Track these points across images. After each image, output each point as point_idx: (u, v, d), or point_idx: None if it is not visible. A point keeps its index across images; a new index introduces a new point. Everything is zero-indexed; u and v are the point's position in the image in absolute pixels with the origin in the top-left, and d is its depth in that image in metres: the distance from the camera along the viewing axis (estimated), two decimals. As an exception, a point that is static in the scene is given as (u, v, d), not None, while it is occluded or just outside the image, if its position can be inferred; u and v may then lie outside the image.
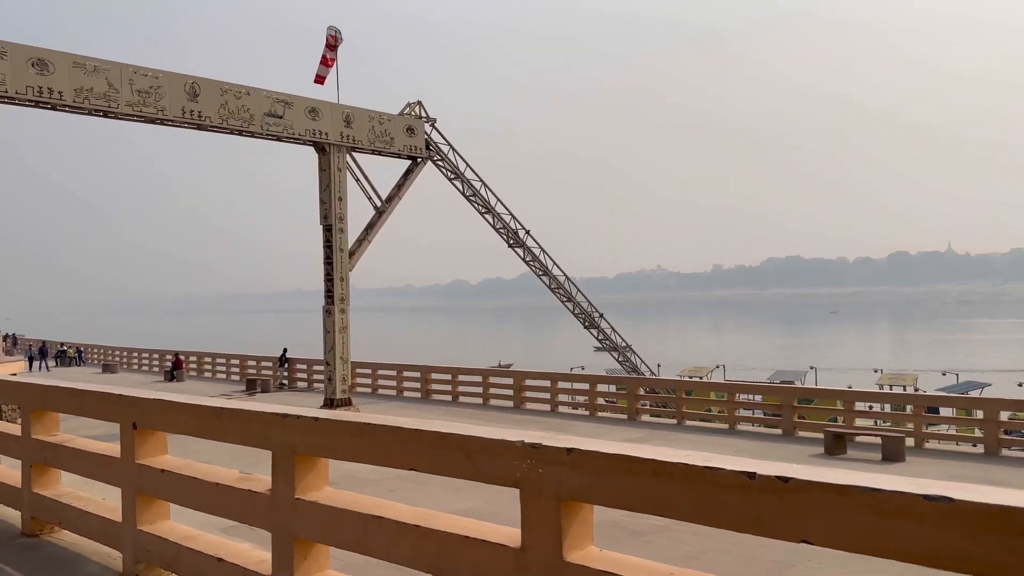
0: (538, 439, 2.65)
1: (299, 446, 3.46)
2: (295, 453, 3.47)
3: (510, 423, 21.35)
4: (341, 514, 3.25)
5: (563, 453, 2.51)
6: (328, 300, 23.66)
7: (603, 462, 2.42)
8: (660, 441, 18.30)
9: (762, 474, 2.10)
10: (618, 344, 31.66)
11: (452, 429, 2.90)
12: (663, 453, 2.35)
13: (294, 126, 22.76)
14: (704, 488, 2.21)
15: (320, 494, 3.47)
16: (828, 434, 16.76)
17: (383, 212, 25.11)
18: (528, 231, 28.43)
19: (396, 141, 24.85)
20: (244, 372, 35.29)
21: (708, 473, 2.21)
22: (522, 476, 2.62)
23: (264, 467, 3.66)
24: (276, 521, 3.53)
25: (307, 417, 3.43)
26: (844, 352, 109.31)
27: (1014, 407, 16.82)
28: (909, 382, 45.19)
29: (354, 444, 3.24)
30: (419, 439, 2.97)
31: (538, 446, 2.59)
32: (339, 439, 3.29)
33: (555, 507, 2.52)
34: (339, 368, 23.34)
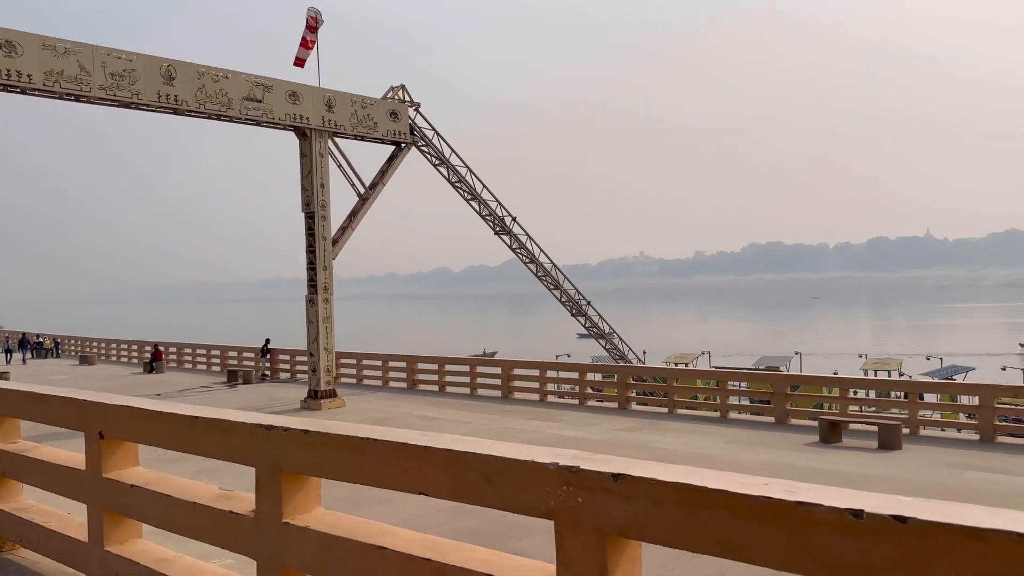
0: (575, 459, 2.22)
1: (286, 463, 3.01)
2: (282, 471, 3.02)
3: (499, 412, 20.97)
4: (336, 543, 2.81)
5: (607, 480, 2.08)
6: (311, 289, 23.11)
7: (659, 492, 1.99)
8: (652, 430, 17.99)
9: (872, 512, 1.68)
10: (605, 331, 31.33)
11: (469, 446, 2.46)
12: (735, 481, 1.93)
13: (274, 110, 22.12)
14: (793, 528, 1.79)
15: (311, 517, 3.03)
16: (823, 422, 16.50)
17: (367, 199, 24.53)
18: (515, 218, 27.96)
19: (379, 126, 24.26)
20: (225, 363, 34.65)
21: (798, 510, 1.79)
22: (557, 506, 2.19)
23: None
24: (261, 548, 3.08)
25: (296, 429, 2.98)
26: (827, 337, 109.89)
27: (1010, 393, 16.62)
28: (894, 367, 45.25)
29: (350, 462, 2.79)
30: (428, 458, 2.53)
31: (576, 470, 2.15)
32: (333, 456, 2.84)
33: (598, 544, 2.10)
34: (323, 359, 22.82)
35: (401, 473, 2.62)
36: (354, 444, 2.76)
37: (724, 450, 15.80)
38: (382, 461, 2.67)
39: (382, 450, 2.67)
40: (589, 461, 2.19)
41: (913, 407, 17.05)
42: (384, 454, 2.67)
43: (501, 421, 19.57)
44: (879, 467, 13.97)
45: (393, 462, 2.64)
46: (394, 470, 2.64)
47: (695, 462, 15.05)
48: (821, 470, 13.84)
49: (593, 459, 2.21)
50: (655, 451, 15.68)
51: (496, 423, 19.28)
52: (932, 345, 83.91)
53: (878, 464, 14.27)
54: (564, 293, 29.42)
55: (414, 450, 2.57)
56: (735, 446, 16.19)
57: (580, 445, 16.23)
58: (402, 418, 20.40)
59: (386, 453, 2.66)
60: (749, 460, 14.80)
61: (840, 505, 1.73)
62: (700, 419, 19.66)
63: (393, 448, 2.64)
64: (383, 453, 2.67)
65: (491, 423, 19.32)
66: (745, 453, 15.44)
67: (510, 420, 19.69)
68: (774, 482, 1.93)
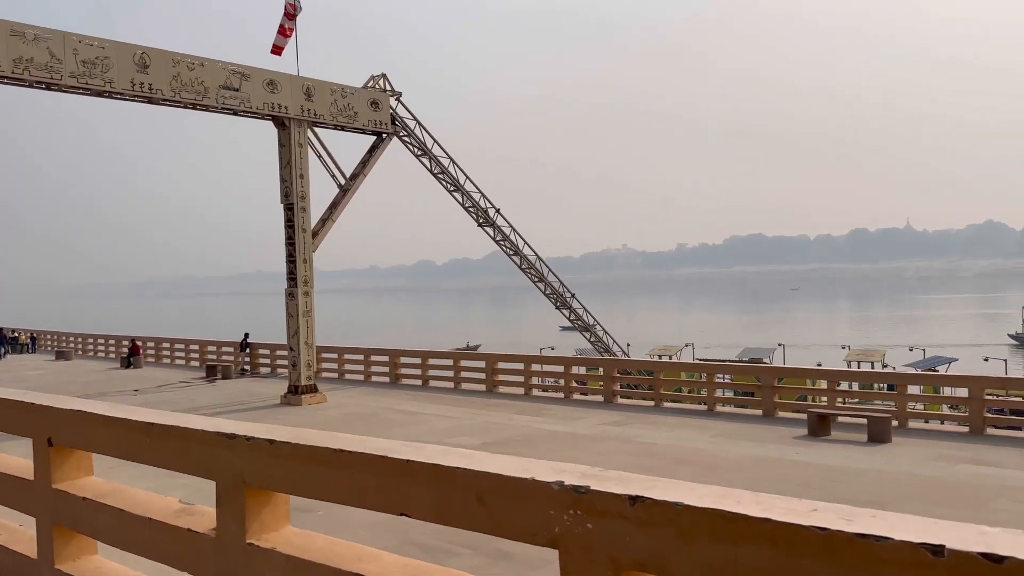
0: (583, 478, 1.89)
1: (250, 476, 2.67)
2: (246, 485, 2.68)
3: (484, 407, 20.65)
4: (306, 568, 2.47)
5: (623, 503, 1.76)
6: (291, 283, 22.64)
7: (687, 519, 1.67)
8: (639, 424, 17.75)
9: (956, 548, 1.37)
10: (589, 324, 31.06)
11: (458, 460, 2.12)
12: (780, 507, 1.61)
13: (251, 99, 21.61)
14: (855, 567, 1.48)
15: (279, 537, 2.68)
16: (812, 415, 16.32)
17: (347, 190, 24.08)
18: (498, 210, 27.58)
19: (360, 116, 23.78)
20: (204, 358, 34.08)
21: (859, 544, 1.47)
22: (562, 533, 1.86)
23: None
24: (221, 572, 2.74)
25: (260, 439, 2.63)
26: (807, 329, 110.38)
27: (999, 384, 16.51)
28: (877, 358, 45.42)
29: (323, 476, 2.45)
30: (410, 473, 2.20)
31: (586, 491, 1.82)
32: (303, 469, 2.50)
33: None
34: (303, 353, 22.38)
35: (379, 490, 2.28)
36: (325, 456, 2.42)
37: (712, 444, 15.58)
38: (358, 476, 2.34)
39: (357, 463, 2.33)
40: (601, 480, 1.86)
41: (902, 399, 16.91)
42: (360, 468, 2.33)
43: (485, 416, 19.25)
44: (869, 461, 13.79)
45: (370, 478, 2.30)
46: (371, 487, 2.30)
47: (683, 456, 14.85)
48: (810, 463, 13.64)
49: (606, 478, 1.88)
50: (642, 445, 15.43)
51: (480, 418, 18.97)
52: (911, 336, 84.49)
53: (868, 457, 14.09)
54: (548, 286, 29.11)
55: (394, 464, 2.23)
56: (723, 439, 15.97)
57: (567, 440, 15.96)
58: (384, 413, 20.04)
59: (362, 467, 2.32)
60: (738, 454, 14.58)
61: (914, 539, 1.42)
62: (687, 412, 19.45)
63: (370, 462, 2.30)
64: (358, 467, 2.33)
65: (475, 417, 19.00)
66: (734, 447, 15.23)
67: (495, 414, 19.38)
68: (825, 507, 1.61)
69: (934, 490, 11.76)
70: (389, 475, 2.26)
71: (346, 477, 2.38)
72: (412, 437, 16.67)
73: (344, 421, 19.09)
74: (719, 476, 12.96)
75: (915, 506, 10.94)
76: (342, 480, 2.39)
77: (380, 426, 18.23)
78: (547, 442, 15.68)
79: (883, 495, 11.50)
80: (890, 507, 11.16)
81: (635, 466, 13.71)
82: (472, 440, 16.09)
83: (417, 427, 17.97)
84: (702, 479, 12.60)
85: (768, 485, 12.31)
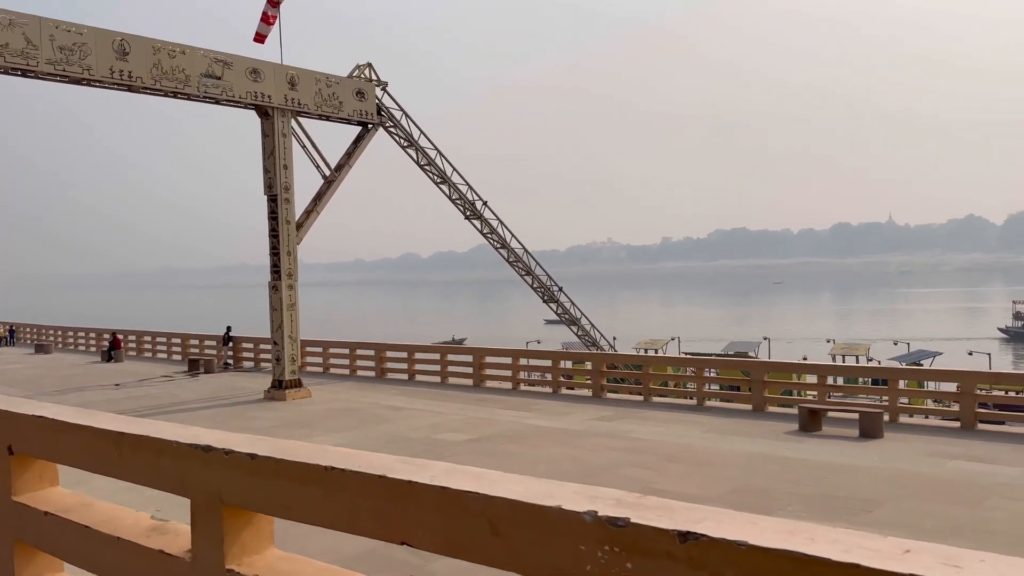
0: (621, 507, 1.61)
1: (229, 494, 2.38)
2: (224, 504, 2.38)
3: (471, 402, 20.38)
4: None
5: (670, 540, 1.48)
6: (274, 275, 22.25)
7: (749, 562, 1.40)
8: (628, 419, 17.54)
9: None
10: (577, 318, 30.85)
11: (468, 483, 1.84)
12: (867, 546, 1.34)
13: (234, 88, 21.17)
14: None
15: (262, 562, 2.40)
16: (803, 410, 16.16)
17: (332, 181, 23.68)
18: (486, 202, 27.28)
19: (345, 105, 23.38)
20: (187, 352, 33.59)
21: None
22: (595, 572, 1.58)
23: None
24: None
25: (240, 453, 2.33)
26: (791, 322, 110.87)
27: (990, 380, 16.42)
28: (862, 352, 45.53)
29: (311, 497, 2.16)
30: (413, 496, 1.91)
31: (624, 524, 1.55)
32: (288, 489, 2.21)
33: (656, 629, 1.50)
34: (287, 348, 22.00)
35: (378, 515, 1.99)
36: (314, 474, 2.13)
37: (702, 439, 15.39)
38: (352, 498, 2.05)
39: (351, 484, 2.04)
40: (642, 510, 1.58)
41: (893, 394, 16.79)
42: (354, 489, 2.04)
43: (473, 411, 18.99)
44: (862, 457, 13.64)
45: (366, 500, 2.02)
46: (368, 511, 2.02)
47: (674, 452, 14.65)
48: (803, 459, 13.47)
49: (646, 507, 1.61)
50: (632, 441, 15.22)
51: (468, 413, 18.70)
52: (894, 331, 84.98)
53: (861, 453, 13.94)
54: (536, 279, 28.86)
55: (394, 485, 1.95)
56: (713, 435, 15.80)
57: (556, 435, 15.72)
58: (370, 408, 19.73)
59: (357, 488, 2.04)
60: (729, 450, 14.40)
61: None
62: (676, 407, 19.27)
63: (365, 482, 2.01)
64: (352, 488, 2.04)
65: (463, 413, 18.73)
66: (725, 443, 15.05)
67: (482, 409, 19.11)
68: (921, 548, 1.34)
69: (928, 487, 11.61)
70: (388, 498, 1.97)
71: (338, 499, 2.09)
72: (399, 433, 16.38)
73: (329, 417, 18.76)
74: (711, 473, 12.77)
75: (910, 504, 10.78)
76: (333, 502, 2.11)
77: (366, 422, 17.92)
78: (536, 438, 15.44)
79: (878, 493, 11.34)
80: (886, 505, 11.03)
81: (625, 463, 13.49)
82: (460, 436, 15.82)
83: (404, 423, 17.67)
84: (693, 475, 12.39)
85: (761, 482, 12.13)
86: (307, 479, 2.16)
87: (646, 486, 11.97)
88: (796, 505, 10.87)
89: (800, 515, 10.42)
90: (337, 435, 16.53)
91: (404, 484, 1.94)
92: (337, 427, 17.39)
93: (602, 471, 12.92)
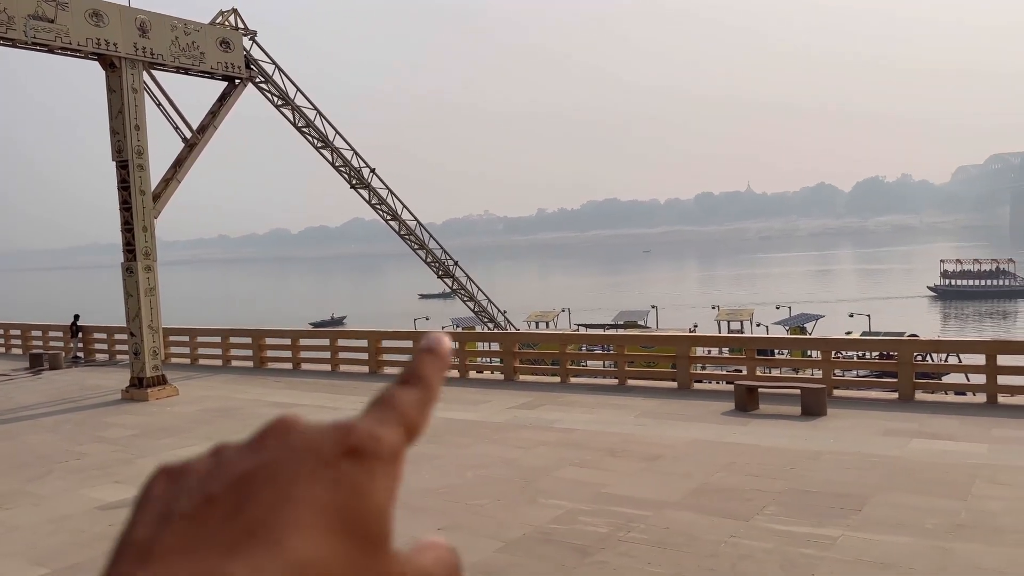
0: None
1: None
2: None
3: (370, 393, 17.96)
4: None
5: None
6: (128, 255, 18.99)
7: None
8: (552, 405, 15.83)
9: None
10: (473, 293, 28.91)
11: None
12: None
13: (70, 33, 17.69)
14: None
15: None
16: (740, 388, 14.91)
17: (194, 145, 20.52)
18: (373, 170, 24.73)
19: (208, 57, 20.21)
20: (28, 345, 29.30)
21: None
22: None
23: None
24: None
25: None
26: (664, 288, 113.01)
27: (928, 348, 15.74)
28: (746, 317, 46.04)
29: None
30: None
31: None
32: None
33: None
34: (147, 339, 18.89)
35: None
36: None
37: (638, 426, 13.85)
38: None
39: None
40: None
41: (827, 366, 15.83)
42: None
43: (373, 404, 16.71)
44: (815, 439, 12.44)
45: None
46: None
47: (614, 444, 12.94)
48: (756, 446, 12.13)
49: None
50: (564, 432, 13.48)
51: (368, 407, 16.42)
52: (753, 293, 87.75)
53: (812, 435, 12.76)
54: (430, 253, 26.64)
55: None
56: (648, 420, 14.30)
57: (477, 430, 13.75)
58: (251, 407, 17.10)
59: None
60: (672, 437, 12.90)
61: None
62: (598, 389, 17.70)
63: None
64: None
65: (363, 407, 16.43)
66: (663, 429, 13.56)
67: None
68: None
69: (904, 475, 10.45)
70: None
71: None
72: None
73: (203, 420, 16.02)
74: (662, 469, 11.20)
75: (896, 497, 9.54)
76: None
77: (248, 425, 15.32)
78: (455, 434, 13.38)
79: (854, 485, 10.06)
80: (871, 501, 9.73)
81: (564, 461, 11.72)
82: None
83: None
84: (644, 474, 10.54)
85: (722, 478, 10.66)
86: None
87: (597, 491, 10.23)
88: (773, 507, 9.40)
89: (782, 519, 8.96)
90: (212, 443, 13.89)
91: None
92: (212, 433, 14.74)
93: (540, 474, 11.09)
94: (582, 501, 9.81)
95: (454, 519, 9.36)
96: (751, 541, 8.30)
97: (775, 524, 8.79)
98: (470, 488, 10.50)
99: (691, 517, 9.13)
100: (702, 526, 8.82)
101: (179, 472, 0.43)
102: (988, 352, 14.56)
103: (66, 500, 10.86)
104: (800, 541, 8.23)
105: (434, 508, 9.61)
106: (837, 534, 8.37)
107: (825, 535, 8.36)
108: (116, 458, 13.11)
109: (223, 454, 0.43)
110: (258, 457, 0.42)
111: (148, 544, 0.38)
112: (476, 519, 9.38)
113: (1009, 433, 12.40)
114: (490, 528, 9.06)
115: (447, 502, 9.90)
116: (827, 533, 8.41)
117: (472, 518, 9.42)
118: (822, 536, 8.34)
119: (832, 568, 7.58)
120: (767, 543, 8.22)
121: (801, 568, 7.60)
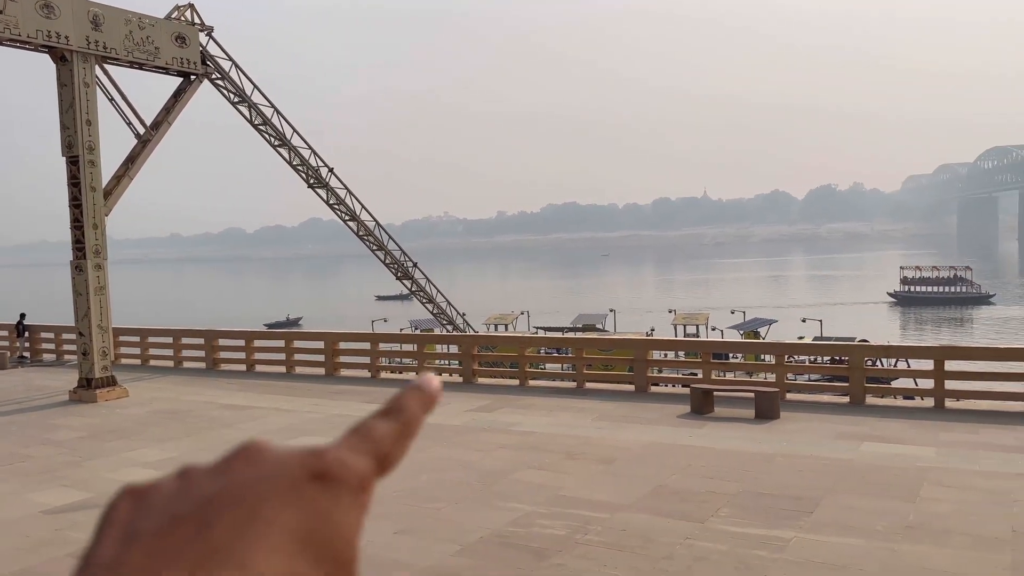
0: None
1: None
2: None
3: (326, 395, 17.90)
4: None
5: None
6: (78, 253, 18.52)
7: None
8: (510, 408, 15.83)
9: None
10: (432, 296, 28.79)
11: None
12: None
13: (20, 24, 17.20)
14: None
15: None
16: (696, 391, 15.08)
17: (148, 141, 20.10)
18: (331, 169, 24.48)
19: (163, 52, 19.82)
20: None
21: None
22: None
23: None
24: None
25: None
26: (622, 292, 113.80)
27: (878, 352, 16.09)
28: (702, 321, 46.57)
29: None
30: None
31: None
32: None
33: None
34: (97, 339, 18.43)
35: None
36: None
37: (597, 429, 13.92)
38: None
39: None
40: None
41: (780, 370, 16.10)
42: None
43: (330, 407, 16.57)
44: (770, 443, 12.64)
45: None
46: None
47: (572, 447, 12.98)
48: (710, 448, 12.28)
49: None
50: (522, 436, 13.48)
51: (324, 410, 16.27)
52: (709, 298, 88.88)
53: (767, 438, 12.96)
54: (389, 254, 26.46)
55: None
56: (606, 423, 14.38)
57: (436, 433, 13.66)
58: (203, 409, 16.77)
59: None
60: (630, 440, 12.99)
61: None
62: (556, 391, 17.75)
63: None
64: None
65: (318, 410, 16.28)
66: (621, 431, 13.65)
67: (341, 404, 16.74)
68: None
69: (855, 477, 10.66)
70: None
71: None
72: (241, 439, 13.71)
73: (152, 422, 15.67)
74: (619, 471, 11.26)
75: (847, 500, 9.73)
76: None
77: (200, 427, 15.05)
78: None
79: (807, 488, 10.23)
80: (823, 503, 9.90)
81: (521, 463, 11.72)
82: (320, 441, 13.38)
83: (247, 426, 14.99)
84: (601, 476, 10.59)
85: (677, 480, 10.76)
86: None
87: (554, 493, 10.25)
88: (727, 508, 9.52)
89: (736, 521, 9.07)
90: (163, 446, 13.63)
91: None
92: (163, 435, 14.43)
93: (498, 476, 11.07)
94: (540, 504, 9.81)
95: (411, 522, 9.29)
96: (706, 543, 8.39)
97: (730, 526, 8.90)
98: (428, 491, 10.43)
99: (647, 519, 9.19)
100: (658, 528, 8.88)
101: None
102: (936, 358, 14.94)
103: (11, 504, 10.53)
104: (754, 543, 8.34)
105: (391, 512, 9.52)
106: (790, 536, 8.50)
107: (778, 537, 8.48)
108: (63, 461, 12.75)
109: (190, 475, 0.43)
110: (225, 479, 0.42)
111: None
112: (434, 522, 9.33)
113: (956, 437, 12.73)
114: (448, 531, 9.01)
115: (405, 505, 9.82)
116: (780, 535, 8.54)
117: (430, 521, 9.36)
118: (775, 538, 8.45)
119: (785, 570, 7.70)
120: (722, 545, 8.31)
121: (755, 570, 7.70)
